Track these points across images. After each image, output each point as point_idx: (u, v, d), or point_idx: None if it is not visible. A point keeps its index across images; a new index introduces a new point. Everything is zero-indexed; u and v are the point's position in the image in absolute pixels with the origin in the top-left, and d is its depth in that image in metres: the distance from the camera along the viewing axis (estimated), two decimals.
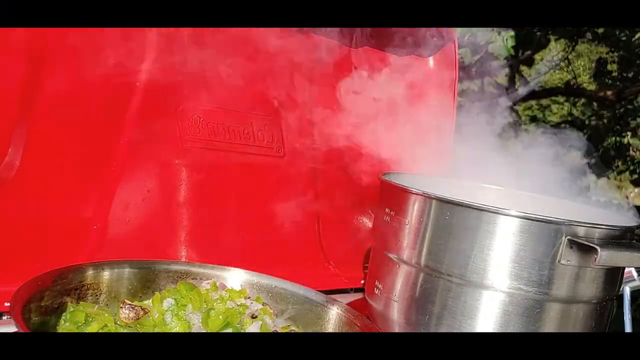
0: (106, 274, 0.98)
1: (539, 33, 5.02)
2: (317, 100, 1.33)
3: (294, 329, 1.01)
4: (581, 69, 6.82)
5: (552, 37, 5.85)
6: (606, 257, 0.82)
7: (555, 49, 6.37)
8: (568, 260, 0.86)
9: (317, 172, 1.38)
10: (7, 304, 0.76)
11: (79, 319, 0.85)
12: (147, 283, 1.02)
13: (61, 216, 1.07)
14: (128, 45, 1.11)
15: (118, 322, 0.87)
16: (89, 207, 1.10)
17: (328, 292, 1.18)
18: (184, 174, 1.20)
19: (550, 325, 0.90)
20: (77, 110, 1.07)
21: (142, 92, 1.13)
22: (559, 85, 6.74)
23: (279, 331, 0.97)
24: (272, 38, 1.25)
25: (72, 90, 1.06)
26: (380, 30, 1.34)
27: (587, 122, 6.35)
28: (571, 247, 0.85)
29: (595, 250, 0.82)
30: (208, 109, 1.21)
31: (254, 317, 0.97)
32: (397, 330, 0.99)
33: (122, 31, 1.08)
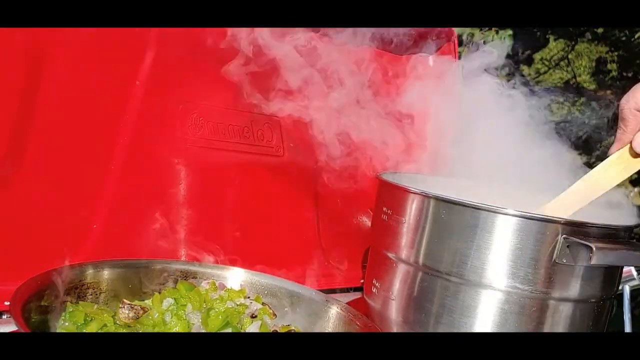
0: (106, 273, 0.98)
1: (538, 33, 5.02)
2: (316, 100, 1.33)
3: (294, 328, 1.01)
4: (581, 68, 6.81)
5: (551, 37, 5.85)
6: (601, 256, 0.82)
7: (555, 49, 6.36)
8: (564, 259, 0.86)
9: (316, 172, 1.38)
10: (7, 303, 0.77)
11: (79, 318, 0.85)
12: (146, 282, 1.02)
13: (61, 216, 1.07)
14: (128, 45, 1.11)
15: (118, 322, 0.87)
16: (88, 206, 1.10)
17: (328, 292, 1.18)
18: (184, 174, 1.20)
19: (547, 324, 0.90)
20: (77, 109, 1.07)
21: (142, 91, 1.13)
22: (559, 84, 6.73)
23: (279, 331, 0.98)
24: (272, 37, 1.25)
25: (72, 89, 1.06)
26: (380, 30, 1.34)
27: (586, 121, 6.35)
28: (567, 246, 0.86)
29: (591, 249, 0.82)
30: (208, 108, 1.22)
31: (253, 316, 0.97)
32: (395, 329, 0.99)
33: (122, 31, 1.09)
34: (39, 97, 1.02)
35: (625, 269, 1.37)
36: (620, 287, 1.12)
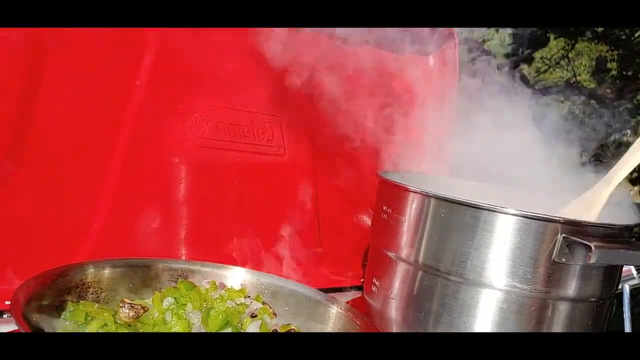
0: (107, 272, 0.98)
1: (538, 31, 5.03)
2: (317, 99, 1.33)
3: (294, 327, 1.01)
4: (581, 67, 6.81)
5: (551, 36, 5.85)
6: (600, 255, 0.82)
7: (555, 47, 6.36)
8: (563, 259, 0.86)
9: (317, 171, 1.38)
10: (7, 302, 0.77)
11: (79, 317, 0.85)
12: (147, 281, 1.02)
13: (61, 216, 1.07)
14: (128, 44, 1.11)
15: (118, 321, 0.87)
16: (88, 206, 1.10)
17: (328, 291, 1.18)
18: (184, 173, 1.20)
19: (546, 323, 0.90)
20: (77, 109, 1.07)
21: (143, 91, 1.13)
22: (559, 83, 6.73)
23: (279, 330, 0.98)
24: (272, 36, 1.25)
25: (72, 89, 1.06)
26: (380, 29, 1.34)
27: (586, 120, 6.35)
28: (567, 245, 0.86)
29: (590, 248, 0.82)
30: (209, 107, 1.22)
31: (253, 316, 0.97)
32: (394, 328, 1.00)
33: (122, 30, 1.09)
34: (39, 97, 1.03)
35: (625, 267, 1.37)
36: (620, 286, 1.12)
